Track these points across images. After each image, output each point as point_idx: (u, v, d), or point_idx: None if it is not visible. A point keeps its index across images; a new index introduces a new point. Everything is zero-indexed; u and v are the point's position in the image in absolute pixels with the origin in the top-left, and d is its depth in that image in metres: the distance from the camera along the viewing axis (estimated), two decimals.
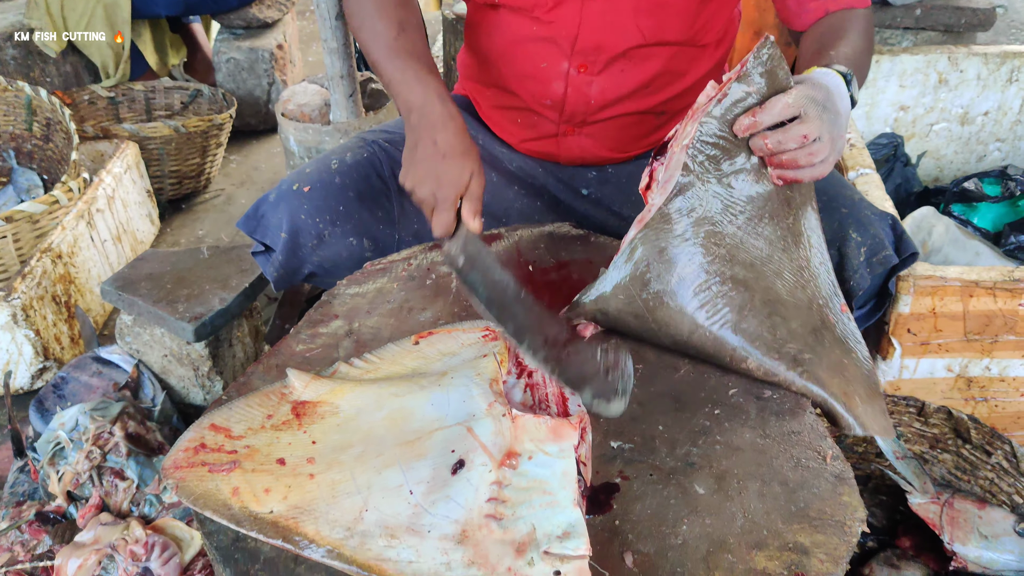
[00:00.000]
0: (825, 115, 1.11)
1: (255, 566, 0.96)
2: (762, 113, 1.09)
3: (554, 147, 1.62)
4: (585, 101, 1.51)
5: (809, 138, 1.09)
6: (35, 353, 2.11)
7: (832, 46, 1.31)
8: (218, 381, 1.88)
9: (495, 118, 1.69)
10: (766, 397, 1.18)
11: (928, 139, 2.49)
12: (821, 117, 1.10)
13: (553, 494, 0.97)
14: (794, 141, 1.09)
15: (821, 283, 1.23)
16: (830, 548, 0.96)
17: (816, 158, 1.12)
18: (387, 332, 1.32)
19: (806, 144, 1.10)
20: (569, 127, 1.57)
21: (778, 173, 1.15)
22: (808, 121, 1.09)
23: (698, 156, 1.12)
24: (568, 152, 1.62)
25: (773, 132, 1.10)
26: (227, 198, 3.22)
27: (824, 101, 1.12)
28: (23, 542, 1.58)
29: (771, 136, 1.10)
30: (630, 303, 1.20)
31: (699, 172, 1.13)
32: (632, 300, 1.20)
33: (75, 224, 2.33)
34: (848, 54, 1.29)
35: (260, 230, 1.56)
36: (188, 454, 1.10)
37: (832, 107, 1.13)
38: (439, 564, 0.92)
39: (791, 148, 1.10)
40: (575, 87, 1.50)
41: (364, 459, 1.04)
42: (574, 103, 1.52)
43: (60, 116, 2.57)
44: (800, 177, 1.14)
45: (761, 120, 1.09)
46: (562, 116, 1.55)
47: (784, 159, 1.12)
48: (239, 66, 3.48)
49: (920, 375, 1.64)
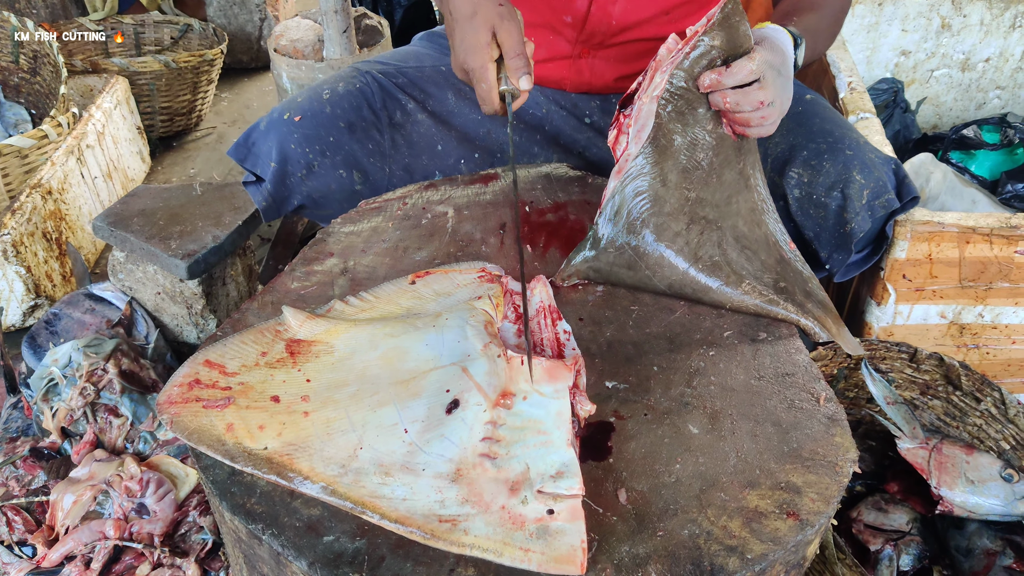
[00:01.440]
0: (779, 80, 1.17)
1: (251, 499, 0.96)
2: (727, 75, 1.14)
3: (565, 70, 1.60)
4: (607, 21, 1.50)
5: (764, 104, 1.15)
6: (26, 290, 2.10)
7: (799, 14, 1.36)
8: (211, 319, 1.88)
9: None
10: (760, 339, 1.18)
11: (928, 85, 2.46)
12: (776, 83, 1.16)
13: (547, 434, 0.98)
14: (750, 104, 1.15)
15: (770, 223, 1.29)
16: (821, 488, 0.97)
17: (767, 121, 1.18)
18: (382, 271, 1.31)
19: (760, 108, 1.16)
20: (586, 48, 1.55)
21: (731, 127, 1.21)
22: (766, 87, 1.15)
23: (667, 106, 1.18)
24: (578, 76, 1.60)
25: (733, 92, 1.15)
26: (218, 136, 3.18)
27: (780, 66, 1.18)
28: (18, 477, 1.59)
29: (731, 96, 1.15)
30: (621, 254, 1.23)
31: (668, 120, 1.18)
32: (623, 251, 1.23)
33: (65, 160, 2.30)
34: (810, 25, 1.35)
35: (250, 159, 1.54)
36: (182, 390, 1.10)
37: (786, 71, 1.19)
38: (433, 501, 0.93)
39: (747, 110, 1.16)
40: (599, 5, 1.48)
41: (359, 397, 1.05)
42: (596, 22, 1.50)
43: (48, 49, 2.52)
44: (748, 134, 1.21)
45: (725, 81, 1.14)
46: (580, 35, 1.53)
47: (738, 118, 1.18)
48: (230, 1, 3.40)
49: (913, 321, 1.64)
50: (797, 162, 1.43)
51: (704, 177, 1.21)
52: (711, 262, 1.21)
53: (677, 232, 1.21)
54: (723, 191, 1.23)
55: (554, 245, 1.36)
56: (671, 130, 1.19)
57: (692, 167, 1.20)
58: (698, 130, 1.19)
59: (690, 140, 1.19)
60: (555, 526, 0.90)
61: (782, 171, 1.45)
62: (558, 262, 1.32)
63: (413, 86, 1.60)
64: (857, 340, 1.30)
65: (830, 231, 1.43)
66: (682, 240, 1.21)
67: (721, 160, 1.22)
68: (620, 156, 1.25)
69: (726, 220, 1.23)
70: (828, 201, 1.40)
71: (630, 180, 1.20)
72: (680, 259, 1.21)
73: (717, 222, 1.23)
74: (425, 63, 1.65)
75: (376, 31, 2.75)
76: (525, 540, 0.89)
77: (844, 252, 1.44)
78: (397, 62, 1.65)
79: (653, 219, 1.20)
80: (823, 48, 1.43)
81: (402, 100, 1.58)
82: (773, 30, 1.26)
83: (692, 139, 1.20)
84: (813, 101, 1.52)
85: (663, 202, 1.20)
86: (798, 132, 1.45)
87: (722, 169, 1.22)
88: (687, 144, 1.19)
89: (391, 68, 1.62)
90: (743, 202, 1.26)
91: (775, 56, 1.17)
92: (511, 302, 1.23)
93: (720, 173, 1.22)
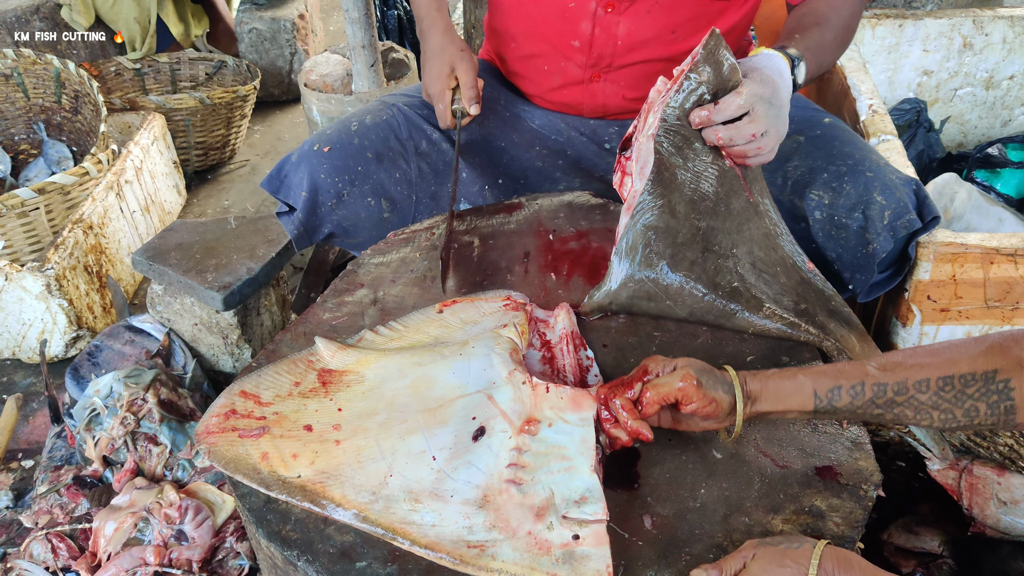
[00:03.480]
0: (771, 111, 1.20)
1: (287, 526, 0.99)
2: (716, 112, 1.18)
3: (580, 95, 1.63)
4: (612, 42, 1.53)
5: (757, 135, 1.19)
6: (68, 322, 2.16)
7: (803, 31, 1.38)
8: (247, 349, 1.92)
9: (521, 70, 1.70)
10: (783, 363, 1.19)
11: (952, 104, 2.45)
12: (767, 114, 1.19)
13: (571, 459, 1.00)
14: (743, 139, 1.19)
15: (784, 245, 1.31)
16: (846, 512, 0.97)
17: (763, 151, 1.22)
18: (411, 301, 1.35)
19: (754, 140, 1.19)
20: (596, 72, 1.58)
21: (731, 159, 1.25)
22: (756, 120, 1.18)
23: (664, 142, 1.21)
24: (593, 100, 1.63)
25: (725, 127, 1.19)
26: (251, 168, 3.26)
27: (771, 97, 1.20)
28: (62, 505, 1.63)
29: (723, 131, 1.19)
30: (640, 287, 1.25)
31: (668, 155, 1.21)
32: (642, 284, 1.25)
33: (105, 195, 2.37)
34: (813, 42, 1.36)
35: (283, 190, 1.59)
36: (219, 420, 1.13)
37: (777, 101, 1.22)
38: (461, 527, 0.95)
39: (740, 144, 1.20)
40: (602, 27, 1.51)
41: (388, 426, 1.08)
42: (601, 44, 1.53)
43: (88, 88, 2.61)
44: (748, 164, 1.24)
45: (714, 118, 1.18)
46: (589, 59, 1.56)
47: (734, 151, 1.22)
48: (261, 36, 3.49)
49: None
50: (817, 184, 1.45)
51: (712, 207, 1.23)
52: (730, 288, 1.23)
53: (693, 261, 1.23)
54: (733, 219, 1.25)
55: (577, 273, 1.38)
56: (672, 163, 1.21)
57: (699, 198, 1.23)
58: (699, 163, 1.22)
59: (693, 172, 1.22)
60: (581, 551, 0.92)
61: (802, 193, 1.46)
62: (581, 289, 1.35)
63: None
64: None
65: (852, 252, 1.44)
66: (699, 268, 1.23)
67: (727, 190, 1.24)
68: (627, 195, 1.28)
69: (741, 247, 1.25)
70: (849, 222, 1.42)
71: (640, 215, 1.22)
72: (699, 286, 1.23)
73: (732, 248, 1.24)
74: None
75: (403, 64, 2.81)
76: (551, 565, 0.91)
77: (867, 273, 1.44)
78: (419, 93, 1.69)
79: (668, 250, 1.22)
80: (830, 61, 1.44)
81: (427, 130, 1.62)
82: (765, 57, 1.28)
83: (695, 171, 1.22)
84: (832, 124, 1.54)
85: (675, 233, 1.22)
86: (818, 155, 1.47)
87: (729, 199, 1.24)
88: (690, 176, 1.22)
89: (416, 100, 1.67)
90: (755, 228, 1.27)
91: (764, 88, 1.20)
92: (536, 330, 1.25)
93: (728, 202, 1.24)
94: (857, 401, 0.97)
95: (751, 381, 1.00)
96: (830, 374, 0.99)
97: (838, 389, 0.98)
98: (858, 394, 0.97)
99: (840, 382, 0.98)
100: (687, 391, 0.98)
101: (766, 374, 1.01)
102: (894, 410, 0.97)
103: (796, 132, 1.51)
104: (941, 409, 0.95)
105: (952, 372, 0.95)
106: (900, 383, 0.96)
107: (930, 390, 0.95)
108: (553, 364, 1.19)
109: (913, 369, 0.96)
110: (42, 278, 2.08)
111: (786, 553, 0.88)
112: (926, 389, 0.96)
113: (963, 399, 0.94)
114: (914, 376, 0.96)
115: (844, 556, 0.87)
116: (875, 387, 0.97)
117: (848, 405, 0.98)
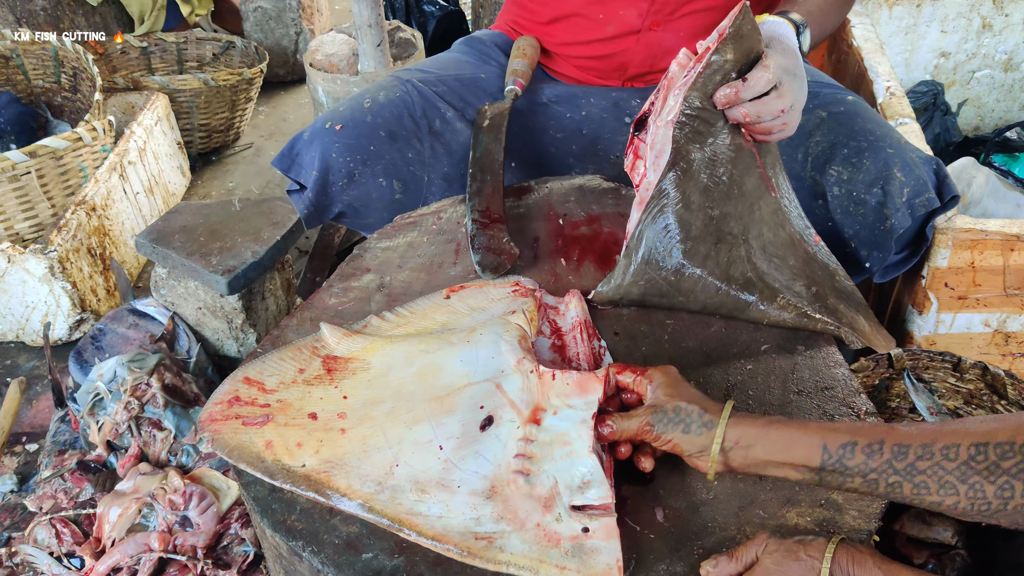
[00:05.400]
0: (795, 83, 1.14)
1: (292, 516, 0.98)
2: (745, 90, 1.11)
3: (633, 44, 1.58)
4: None
5: (785, 111, 1.14)
6: (72, 305, 2.14)
7: None
8: (251, 333, 1.90)
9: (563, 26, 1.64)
10: (798, 351, 1.17)
11: (969, 87, 2.41)
12: (792, 86, 1.14)
13: (571, 444, 0.97)
14: (770, 114, 1.13)
15: (793, 219, 1.27)
16: (862, 505, 0.95)
17: (788, 126, 1.16)
18: (418, 286, 1.32)
19: (781, 116, 1.14)
20: (656, 20, 1.54)
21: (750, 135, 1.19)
22: (784, 94, 1.13)
23: (684, 128, 1.15)
24: (646, 51, 1.59)
25: (752, 103, 1.13)
26: (256, 150, 3.23)
27: (794, 68, 1.15)
28: (66, 490, 1.62)
29: (750, 108, 1.13)
30: (652, 284, 1.22)
31: (686, 143, 1.16)
32: (653, 282, 1.21)
33: (108, 176, 2.35)
34: (814, 3, 1.31)
35: (294, 168, 1.57)
36: (223, 407, 1.12)
37: (800, 72, 1.16)
38: (469, 519, 0.93)
39: (767, 120, 1.14)
40: None
41: (395, 414, 1.05)
42: None
43: (85, 63, 2.57)
44: (770, 140, 1.19)
45: (743, 96, 1.12)
46: (654, 4, 1.52)
47: (759, 127, 1.16)
48: (266, 15, 3.45)
49: (956, 330, 1.61)
50: (838, 160, 1.42)
51: (726, 191, 1.19)
52: (743, 279, 1.20)
53: (706, 255, 1.19)
54: (745, 201, 1.21)
55: (588, 259, 1.36)
56: (689, 152, 1.16)
57: (713, 184, 1.18)
58: (717, 145, 1.17)
59: (709, 157, 1.17)
60: (590, 544, 0.90)
61: (823, 169, 1.43)
62: (592, 275, 1.32)
63: (452, 94, 1.61)
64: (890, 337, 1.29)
65: (870, 228, 1.41)
66: (712, 262, 1.19)
67: (741, 169, 1.20)
68: (639, 184, 1.24)
69: (751, 230, 1.22)
70: (868, 198, 1.39)
71: (653, 211, 1.18)
72: (712, 280, 1.20)
73: (743, 235, 1.21)
74: (465, 71, 1.67)
75: (410, 43, 2.78)
76: (561, 558, 0.89)
77: (884, 251, 1.42)
78: (437, 70, 1.66)
79: (680, 246, 1.18)
80: (833, 26, 1.40)
81: (441, 108, 1.59)
82: (775, 24, 1.23)
83: (711, 156, 1.17)
84: (855, 102, 1.51)
85: (688, 227, 1.18)
86: (839, 131, 1.44)
87: (743, 178, 1.20)
88: (707, 162, 1.17)
89: (431, 76, 1.63)
90: (766, 206, 1.23)
91: (787, 58, 1.15)
92: (545, 316, 1.23)
93: (741, 183, 1.20)
94: (873, 461, 0.84)
95: (749, 425, 0.90)
96: (845, 428, 0.87)
97: (852, 445, 0.85)
98: (874, 452, 0.84)
99: (856, 438, 0.85)
100: (643, 435, 0.94)
101: (770, 419, 0.90)
102: (915, 478, 0.82)
103: (819, 108, 1.47)
104: (970, 484, 0.79)
105: (988, 440, 0.80)
106: (925, 445, 0.82)
107: (959, 458, 0.80)
108: (564, 352, 1.17)
109: (943, 434, 0.82)
110: (45, 260, 2.06)
111: (800, 546, 0.85)
112: (955, 456, 0.80)
113: (997, 473, 0.78)
114: (942, 440, 0.82)
115: (858, 550, 0.84)
116: (896, 447, 0.83)
117: (861, 465, 0.84)
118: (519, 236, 1.41)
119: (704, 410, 0.92)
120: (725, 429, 0.90)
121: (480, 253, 1.33)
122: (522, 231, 1.42)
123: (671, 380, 0.97)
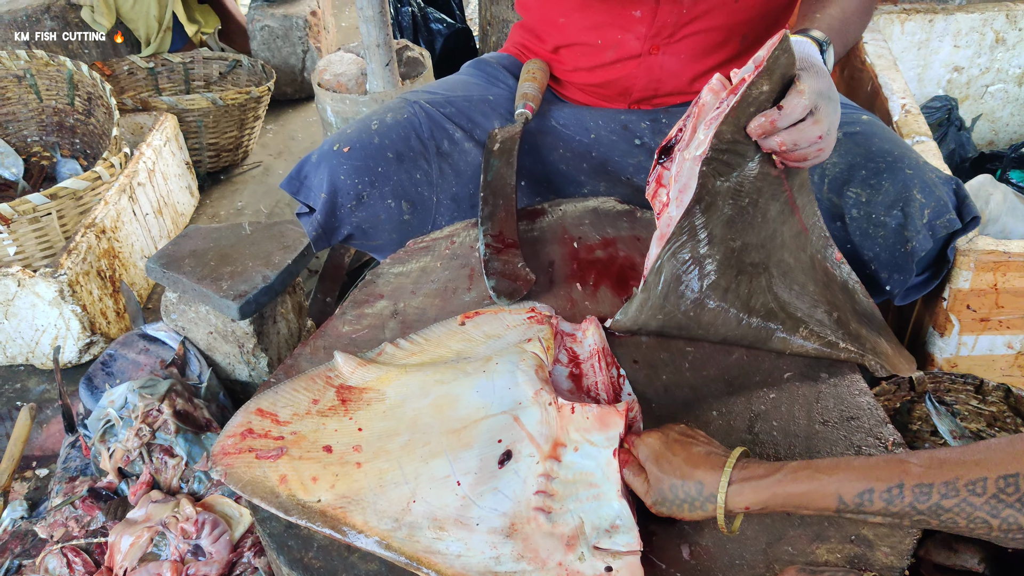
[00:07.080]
0: (830, 106, 1.09)
1: (309, 553, 0.96)
2: (781, 119, 1.06)
3: (634, 68, 1.57)
4: (679, 10, 1.47)
5: (822, 136, 1.08)
6: (82, 328, 2.13)
7: (822, 7, 1.29)
8: (263, 357, 1.89)
9: (565, 47, 1.64)
10: (822, 379, 1.14)
11: (982, 101, 2.39)
12: (827, 110, 1.09)
13: (598, 486, 0.95)
14: (807, 142, 1.08)
15: (815, 239, 1.23)
16: (894, 541, 0.93)
17: (824, 152, 1.11)
18: (432, 312, 1.30)
19: (817, 142, 1.09)
20: (655, 44, 1.53)
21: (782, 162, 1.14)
22: (820, 120, 1.07)
23: (712, 163, 1.10)
24: (648, 74, 1.57)
25: (787, 131, 1.08)
26: (265, 169, 3.22)
27: (828, 91, 1.10)
28: (77, 518, 1.60)
29: (786, 136, 1.07)
30: (670, 318, 1.19)
31: (713, 176, 1.11)
32: (671, 315, 1.19)
33: (118, 198, 2.34)
34: (835, 19, 1.27)
35: (303, 191, 1.56)
36: (235, 440, 1.10)
37: (834, 95, 1.11)
38: (488, 558, 0.91)
39: (803, 148, 1.09)
40: None
41: (411, 448, 1.03)
42: (667, 10, 1.47)
43: (101, 91, 2.57)
44: (805, 167, 1.14)
45: (779, 125, 1.07)
46: (652, 27, 1.51)
47: (794, 155, 1.10)
48: (273, 33, 3.45)
49: (979, 352, 1.59)
50: (856, 181, 1.40)
51: (749, 220, 1.15)
52: (765, 310, 1.17)
53: (727, 288, 1.16)
54: (768, 227, 1.17)
55: (605, 284, 1.34)
56: (715, 186, 1.11)
57: (737, 213, 1.14)
58: (744, 175, 1.12)
59: (735, 188, 1.12)
60: None
61: (840, 191, 1.41)
62: (609, 301, 1.30)
63: (460, 115, 1.60)
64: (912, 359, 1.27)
65: (890, 251, 1.39)
66: (732, 295, 1.16)
67: (767, 196, 1.15)
68: (660, 214, 1.21)
69: (772, 257, 1.18)
70: (888, 220, 1.36)
71: (675, 248, 1.15)
72: (733, 312, 1.17)
73: (764, 264, 1.18)
74: (473, 92, 1.65)
75: (418, 62, 2.77)
76: None
77: (905, 273, 1.39)
78: (445, 91, 1.65)
79: (700, 282, 1.16)
80: (854, 39, 1.36)
81: (449, 129, 1.58)
82: (799, 44, 1.17)
83: (737, 185, 1.12)
84: (870, 122, 1.49)
85: (710, 262, 1.15)
86: (856, 152, 1.42)
87: (767, 205, 1.16)
88: (732, 192, 1.12)
89: (439, 97, 1.62)
90: (787, 230, 1.20)
91: (821, 81, 1.10)
92: (562, 344, 1.21)
93: (765, 211, 1.16)
94: (894, 507, 0.79)
95: (755, 486, 0.85)
96: (860, 472, 0.82)
97: (869, 493, 0.80)
98: (894, 499, 0.79)
99: (872, 484, 0.80)
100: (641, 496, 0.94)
101: (778, 474, 0.85)
102: (941, 516, 0.78)
103: None
104: (1002, 517, 0.75)
105: (1017, 470, 0.75)
106: (949, 483, 0.77)
107: (987, 492, 0.75)
108: (581, 381, 1.15)
109: (966, 466, 0.77)
110: (55, 283, 2.05)
111: None
112: (982, 491, 0.76)
113: None
114: (967, 475, 0.77)
115: None
116: (916, 489, 0.78)
117: (881, 510, 0.81)
118: (533, 260, 1.39)
119: (702, 484, 0.88)
120: (727, 498, 0.87)
121: (494, 278, 1.31)
122: (536, 255, 1.40)
123: (655, 454, 0.93)
